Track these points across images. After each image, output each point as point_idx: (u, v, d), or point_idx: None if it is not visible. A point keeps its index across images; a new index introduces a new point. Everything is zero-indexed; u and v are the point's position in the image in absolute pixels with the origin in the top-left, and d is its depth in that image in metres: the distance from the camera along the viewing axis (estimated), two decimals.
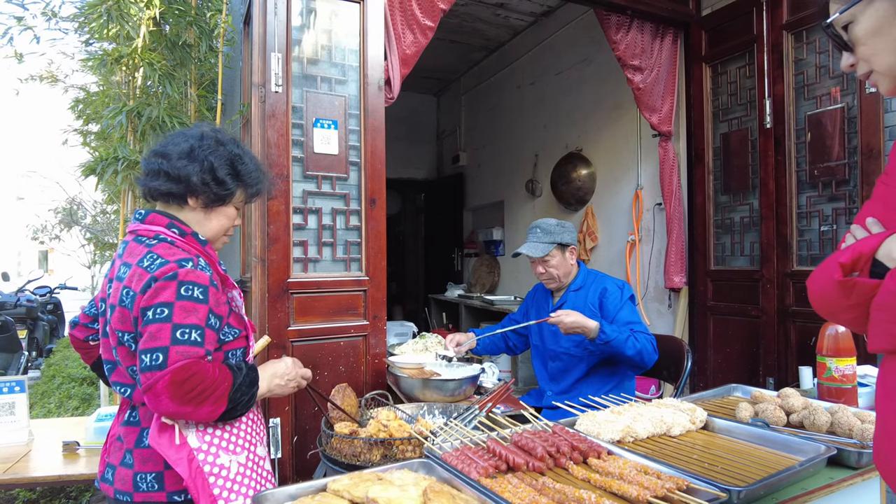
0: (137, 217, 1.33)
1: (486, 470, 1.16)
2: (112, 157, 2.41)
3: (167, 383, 1.12)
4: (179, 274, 1.20)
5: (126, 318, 1.21)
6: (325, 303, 2.53)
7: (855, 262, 0.86)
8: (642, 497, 1.03)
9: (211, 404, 1.18)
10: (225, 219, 1.40)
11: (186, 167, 1.30)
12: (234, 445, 1.31)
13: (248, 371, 1.30)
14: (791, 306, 3.14)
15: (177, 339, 1.15)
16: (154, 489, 1.24)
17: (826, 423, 1.44)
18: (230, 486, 1.25)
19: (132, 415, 1.29)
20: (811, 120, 3.07)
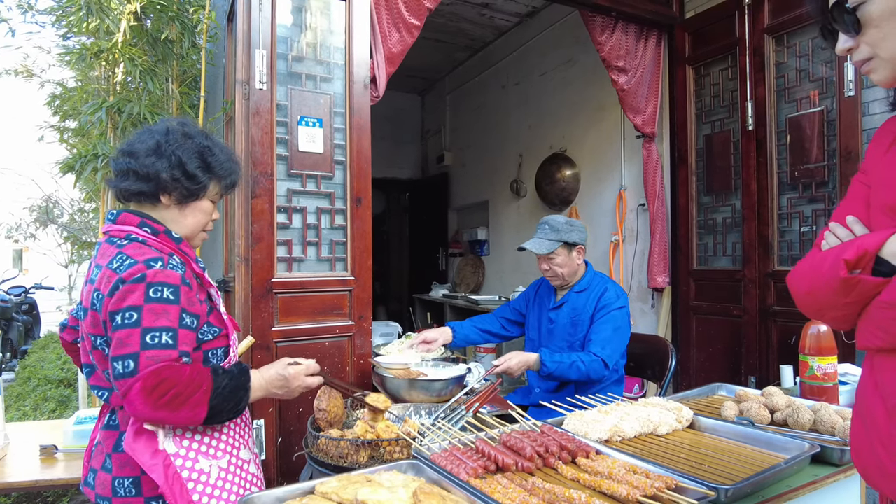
0: (110, 217, 1.29)
1: (476, 471, 1.15)
2: (91, 153, 2.36)
3: (139, 390, 1.09)
4: (147, 275, 1.16)
5: (97, 322, 1.18)
6: (309, 303, 2.50)
7: (859, 259, 0.85)
8: (632, 496, 1.03)
9: (189, 409, 1.15)
10: (201, 214, 1.36)
11: (154, 164, 1.25)
12: (215, 450, 1.27)
13: (237, 375, 1.26)
14: (772, 306, 3.18)
15: (146, 344, 1.12)
16: (132, 494, 1.21)
17: (809, 421, 1.45)
18: (210, 491, 1.22)
19: (111, 418, 1.26)
20: (792, 122, 3.12)
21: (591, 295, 2.48)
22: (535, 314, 2.68)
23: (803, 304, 0.98)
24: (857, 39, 0.89)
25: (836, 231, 0.96)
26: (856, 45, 0.89)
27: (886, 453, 0.82)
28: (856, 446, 0.90)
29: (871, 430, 0.85)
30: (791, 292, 1.02)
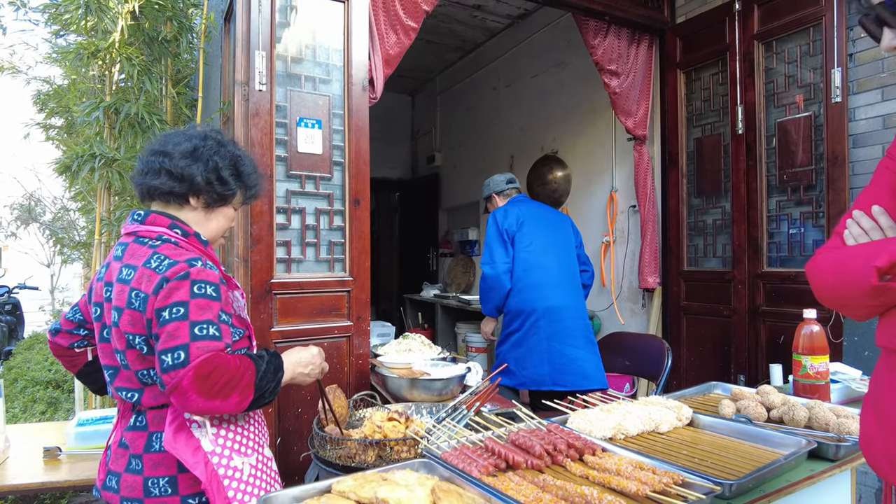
0: (136, 218, 1.29)
1: (487, 468, 1.18)
2: (88, 154, 2.34)
3: (192, 379, 1.11)
4: (191, 273, 1.19)
5: (137, 321, 1.18)
6: (308, 303, 2.51)
7: (892, 266, 0.85)
8: (641, 492, 1.06)
9: (238, 394, 1.18)
10: (224, 219, 1.39)
11: (190, 166, 1.28)
12: (245, 448, 1.30)
13: (271, 358, 1.30)
14: (761, 306, 3.25)
15: (196, 336, 1.14)
16: (167, 493, 1.22)
17: (804, 418, 1.50)
18: (244, 487, 1.24)
19: (138, 420, 1.26)
20: (780, 127, 3.18)
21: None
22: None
23: (824, 298, 0.97)
24: None
25: (861, 221, 0.94)
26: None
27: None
28: (868, 439, 0.93)
29: (885, 425, 0.88)
30: (811, 283, 1.00)
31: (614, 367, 2.76)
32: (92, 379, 1.47)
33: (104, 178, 2.42)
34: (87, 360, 1.45)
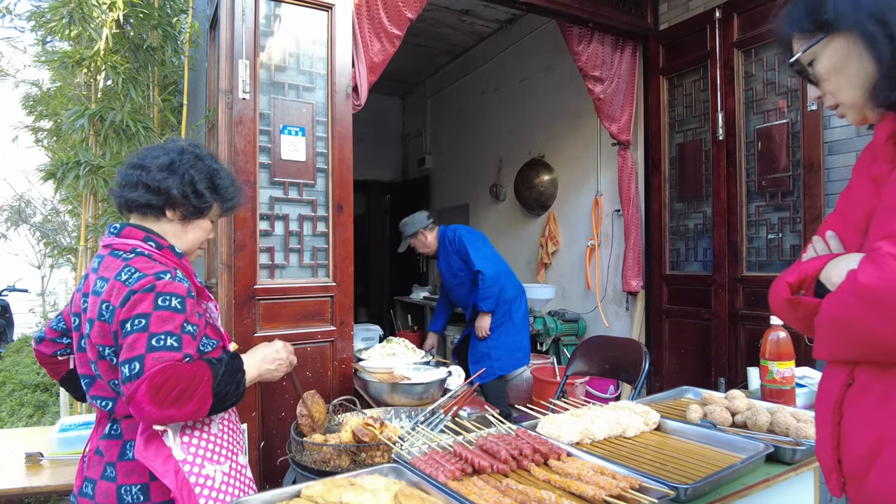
0: (112, 231, 1.32)
1: (453, 473, 1.21)
2: (73, 161, 2.37)
3: (146, 390, 1.13)
4: (157, 286, 1.21)
5: (106, 333, 1.21)
6: (291, 309, 2.54)
7: (801, 282, 0.95)
8: (598, 496, 1.10)
9: (196, 402, 1.19)
10: (201, 231, 1.42)
11: (167, 179, 1.31)
12: (218, 455, 1.32)
13: (230, 360, 1.30)
14: (741, 309, 3.31)
15: (152, 347, 1.16)
16: (139, 501, 1.24)
17: (766, 422, 1.55)
18: (215, 495, 1.27)
19: (113, 428, 1.29)
20: (760, 133, 3.24)
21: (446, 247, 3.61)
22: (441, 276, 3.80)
23: (775, 314, 1.04)
24: (822, 89, 0.97)
25: (816, 245, 1.02)
26: (823, 94, 0.97)
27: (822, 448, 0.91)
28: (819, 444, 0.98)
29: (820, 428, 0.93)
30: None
31: (594, 369, 2.80)
32: (74, 386, 1.50)
33: (89, 184, 2.44)
34: (70, 367, 1.48)
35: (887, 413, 0.80)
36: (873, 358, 0.81)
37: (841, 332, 0.83)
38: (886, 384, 0.80)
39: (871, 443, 0.81)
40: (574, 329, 4.31)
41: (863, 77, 0.87)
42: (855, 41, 0.86)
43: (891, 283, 0.74)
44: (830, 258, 0.89)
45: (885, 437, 0.79)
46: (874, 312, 0.76)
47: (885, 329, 0.76)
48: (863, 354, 0.82)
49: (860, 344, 0.81)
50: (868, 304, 0.77)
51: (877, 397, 0.81)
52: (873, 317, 0.76)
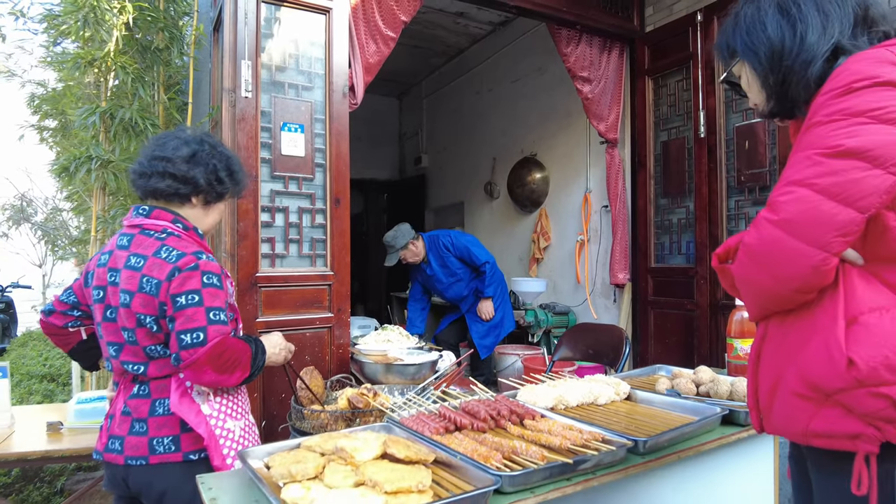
0: (142, 212, 1.46)
1: (437, 429, 1.36)
2: (85, 156, 2.51)
3: (208, 356, 1.32)
4: (200, 265, 1.38)
5: (149, 303, 1.36)
6: (291, 296, 2.68)
7: (726, 252, 1.10)
8: (563, 445, 1.25)
9: (240, 371, 1.40)
10: (218, 214, 1.58)
11: (192, 170, 1.46)
12: (235, 413, 1.50)
13: (257, 341, 1.51)
14: (721, 300, 3.45)
15: (211, 320, 1.35)
16: (171, 450, 1.40)
17: (726, 392, 1.70)
18: (235, 446, 1.44)
19: (141, 389, 1.44)
20: (739, 131, 3.39)
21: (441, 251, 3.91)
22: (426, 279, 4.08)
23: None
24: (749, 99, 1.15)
25: None
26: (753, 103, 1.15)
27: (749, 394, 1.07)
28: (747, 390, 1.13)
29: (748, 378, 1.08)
30: None
31: (578, 355, 2.95)
32: (84, 356, 1.65)
33: (100, 178, 2.58)
34: (81, 339, 1.62)
35: (783, 353, 0.94)
36: (770, 308, 0.96)
37: (744, 288, 0.98)
38: (783, 331, 0.95)
39: (772, 380, 0.96)
40: (564, 321, 4.45)
41: (758, 91, 1.06)
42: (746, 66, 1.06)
43: (763, 240, 0.90)
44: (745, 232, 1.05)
45: (781, 373, 0.94)
46: (755, 266, 0.92)
47: (762, 278, 0.92)
48: (763, 307, 0.98)
49: (756, 295, 0.96)
50: (751, 260, 0.93)
51: (777, 343, 0.96)
52: (756, 270, 0.93)
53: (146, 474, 1.40)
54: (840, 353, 0.83)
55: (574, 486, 1.17)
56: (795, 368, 0.90)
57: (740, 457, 1.65)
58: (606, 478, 1.22)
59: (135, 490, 1.43)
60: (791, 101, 1.00)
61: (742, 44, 1.04)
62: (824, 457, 0.91)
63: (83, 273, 1.55)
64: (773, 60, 0.99)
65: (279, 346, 1.63)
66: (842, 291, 0.87)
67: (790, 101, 1.00)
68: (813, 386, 0.87)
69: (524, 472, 1.11)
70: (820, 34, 0.94)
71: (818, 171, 0.84)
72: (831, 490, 0.91)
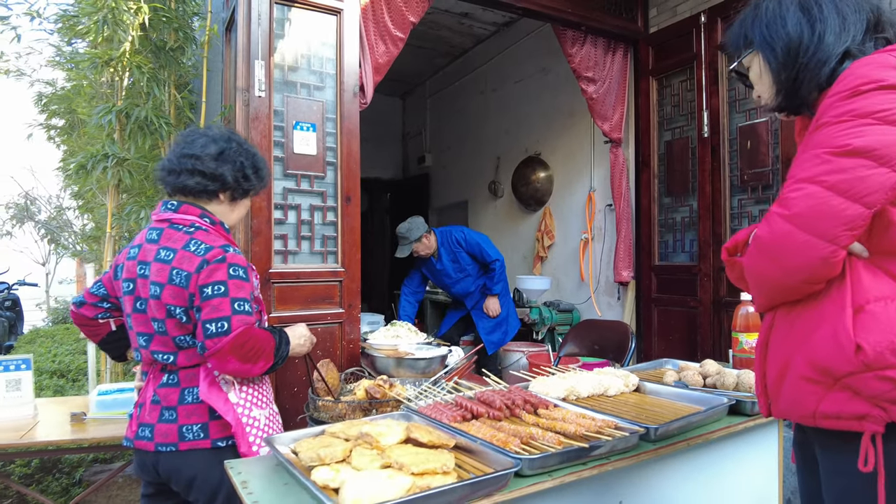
0: (170, 207, 1.51)
1: (455, 417, 1.41)
2: (101, 154, 2.56)
3: (233, 345, 1.36)
4: (227, 257, 1.43)
5: (178, 295, 1.41)
6: (303, 292, 2.73)
7: (735, 246, 1.16)
8: (578, 432, 1.30)
9: (263, 360, 1.44)
10: (243, 209, 1.63)
11: (220, 167, 1.50)
12: (261, 402, 1.55)
13: (281, 332, 1.55)
14: (724, 297, 3.50)
15: (235, 310, 1.39)
16: (200, 437, 1.45)
17: (733, 383, 1.75)
18: (260, 434, 1.49)
19: (170, 378, 1.48)
20: (742, 131, 3.44)
21: (453, 247, 3.95)
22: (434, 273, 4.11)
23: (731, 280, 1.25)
24: (755, 91, 1.20)
25: None
26: (757, 95, 1.20)
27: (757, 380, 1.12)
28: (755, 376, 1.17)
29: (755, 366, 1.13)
30: None
31: (584, 351, 3.00)
32: (113, 347, 1.70)
33: (116, 175, 2.63)
34: (110, 329, 1.67)
35: (790, 341, 1.00)
36: (778, 298, 1.02)
37: (753, 280, 1.03)
38: (791, 320, 1.00)
39: (780, 366, 1.01)
40: (568, 319, 4.51)
41: (769, 85, 1.10)
42: (760, 58, 1.10)
43: (774, 234, 0.95)
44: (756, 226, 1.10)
45: (790, 359, 0.99)
46: (765, 259, 0.97)
47: (772, 269, 0.97)
48: (771, 298, 1.03)
49: (765, 287, 1.01)
50: (761, 252, 0.98)
51: (785, 331, 1.01)
52: (766, 262, 0.98)
53: (176, 460, 1.45)
54: (848, 339, 0.88)
55: (590, 470, 1.22)
56: (804, 355, 0.95)
57: (746, 445, 1.70)
58: (620, 463, 1.27)
59: (164, 476, 1.48)
60: (800, 99, 1.05)
61: (760, 36, 1.08)
62: (832, 437, 0.96)
63: (112, 266, 1.60)
64: (789, 56, 1.03)
65: (304, 338, 1.67)
66: (848, 282, 0.92)
67: (799, 98, 1.05)
68: (822, 370, 0.92)
69: (543, 456, 1.16)
70: (836, 36, 0.99)
71: (827, 168, 0.89)
72: (839, 468, 0.96)
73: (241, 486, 1.16)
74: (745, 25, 1.13)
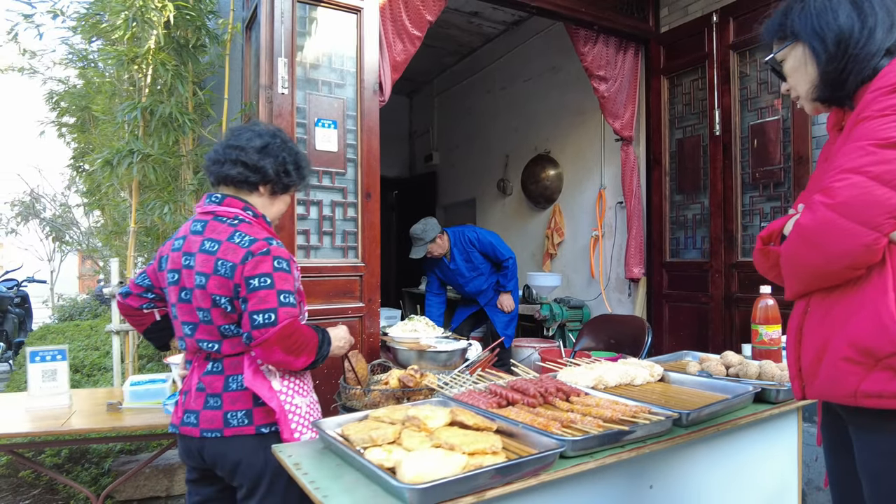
0: (214, 200, 1.55)
1: (491, 404, 1.45)
2: (127, 150, 2.60)
3: (279, 336, 1.40)
4: (272, 250, 1.47)
5: (223, 285, 1.45)
6: (324, 286, 2.77)
7: (770, 235, 1.21)
8: (615, 417, 1.34)
9: (306, 355, 1.48)
10: (283, 204, 1.67)
11: (263, 160, 1.55)
12: (303, 390, 1.59)
13: (324, 332, 1.59)
14: (735, 293, 3.55)
15: (282, 302, 1.43)
16: (244, 424, 1.49)
17: (755, 373, 1.79)
18: (302, 421, 1.53)
19: (215, 366, 1.52)
20: (753, 129, 3.49)
21: (466, 246, 3.98)
22: (447, 273, 4.11)
23: (757, 269, 1.29)
24: (788, 83, 1.23)
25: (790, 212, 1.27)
26: (789, 87, 1.24)
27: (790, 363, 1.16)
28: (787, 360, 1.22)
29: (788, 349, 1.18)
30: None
31: (601, 345, 3.04)
32: (157, 337, 1.74)
33: (141, 171, 2.67)
34: (155, 319, 1.71)
35: (827, 325, 1.04)
36: (816, 285, 1.06)
37: (792, 267, 1.08)
38: (827, 305, 1.05)
39: (817, 349, 1.06)
40: (579, 315, 4.55)
41: (810, 77, 1.14)
42: (805, 49, 1.13)
43: (818, 222, 0.99)
44: (791, 216, 1.14)
45: (826, 343, 1.04)
46: (807, 246, 1.02)
47: (813, 256, 1.02)
48: (809, 284, 1.07)
49: (804, 273, 1.06)
50: (803, 240, 1.02)
51: (821, 316, 1.06)
52: (807, 249, 1.02)
53: (221, 446, 1.49)
54: (892, 320, 0.93)
55: (627, 452, 1.26)
56: (845, 337, 0.99)
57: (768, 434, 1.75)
58: (656, 446, 1.32)
59: (209, 461, 1.52)
60: (845, 91, 1.08)
61: (809, 27, 1.10)
62: (871, 417, 1.00)
63: (156, 257, 1.64)
64: (839, 48, 1.06)
65: (344, 340, 1.70)
66: (889, 267, 0.96)
67: (845, 90, 1.08)
68: (864, 351, 0.96)
69: (585, 437, 1.21)
70: (886, 32, 1.03)
71: (871, 160, 0.94)
72: (878, 448, 1.00)
73: (294, 468, 1.21)
74: (790, 17, 1.15)
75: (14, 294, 7.13)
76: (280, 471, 1.50)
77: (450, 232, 4.02)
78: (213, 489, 1.61)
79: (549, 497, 1.20)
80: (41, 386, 2.09)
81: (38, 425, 1.86)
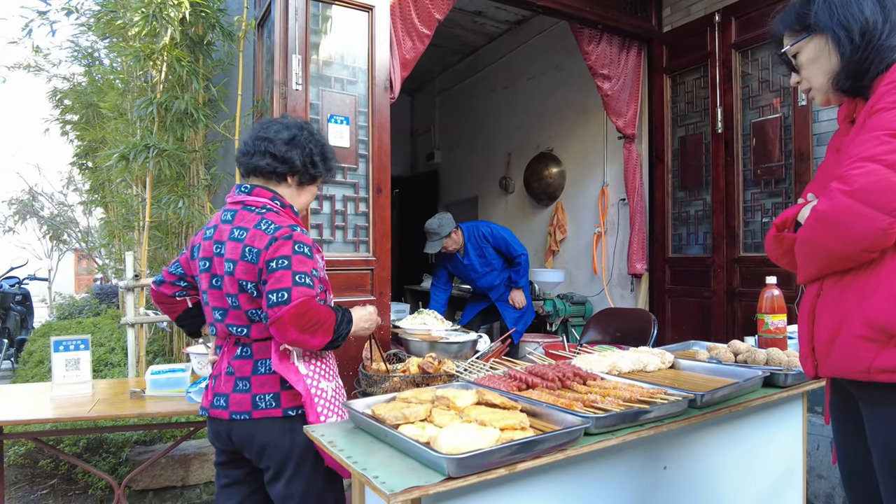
0: (244, 190, 1.60)
1: (512, 387, 1.51)
2: (143, 144, 2.64)
3: (292, 314, 1.42)
4: (294, 235, 1.51)
5: (250, 271, 1.49)
6: (337, 279, 2.81)
7: (784, 222, 1.26)
8: (634, 397, 1.40)
9: (322, 334, 1.49)
10: (310, 195, 1.72)
11: (290, 151, 1.59)
12: (328, 374, 1.63)
13: (345, 312, 1.62)
14: (737, 288, 3.62)
15: (296, 282, 1.46)
16: (272, 406, 1.53)
17: (763, 359, 1.85)
18: (327, 405, 1.57)
19: (244, 350, 1.57)
20: (755, 127, 3.55)
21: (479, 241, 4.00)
22: (459, 269, 4.14)
23: (769, 256, 1.35)
24: (800, 76, 1.28)
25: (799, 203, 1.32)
26: (800, 80, 1.29)
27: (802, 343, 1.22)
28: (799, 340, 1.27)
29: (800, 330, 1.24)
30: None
31: (607, 338, 3.10)
32: (189, 323, 1.79)
33: (157, 165, 2.72)
34: (187, 307, 1.76)
35: (841, 307, 1.10)
36: (831, 268, 1.12)
37: (809, 251, 1.13)
38: (841, 287, 1.11)
39: (831, 330, 1.11)
40: (581, 311, 4.61)
41: (829, 67, 1.19)
42: (827, 41, 1.18)
43: (836, 208, 1.04)
44: (804, 204, 1.20)
45: (840, 323, 1.10)
46: (825, 230, 1.07)
47: (830, 240, 1.07)
48: (824, 267, 1.12)
49: (820, 257, 1.11)
50: (821, 224, 1.07)
51: (835, 297, 1.12)
52: (825, 234, 1.07)
53: (249, 428, 1.53)
54: None
55: (647, 430, 1.32)
56: (860, 316, 1.05)
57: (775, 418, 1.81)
58: (673, 425, 1.37)
59: (238, 443, 1.56)
60: (865, 81, 1.14)
61: (833, 19, 1.15)
62: (884, 391, 1.06)
63: (189, 247, 1.69)
64: (864, 38, 1.11)
65: (370, 320, 1.72)
66: None
67: (865, 80, 1.14)
68: (879, 329, 1.02)
69: (608, 415, 1.26)
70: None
71: (887, 148, 0.99)
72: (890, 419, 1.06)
73: (329, 445, 1.26)
74: (812, 8, 1.19)
75: (17, 291, 7.13)
76: (306, 453, 1.56)
77: (464, 227, 4.04)
78: (240, 471, 1.66)
79: (572, 472, 1.26)
80: (65, 374, 2.14)
81: (63, 412, 1.90)
